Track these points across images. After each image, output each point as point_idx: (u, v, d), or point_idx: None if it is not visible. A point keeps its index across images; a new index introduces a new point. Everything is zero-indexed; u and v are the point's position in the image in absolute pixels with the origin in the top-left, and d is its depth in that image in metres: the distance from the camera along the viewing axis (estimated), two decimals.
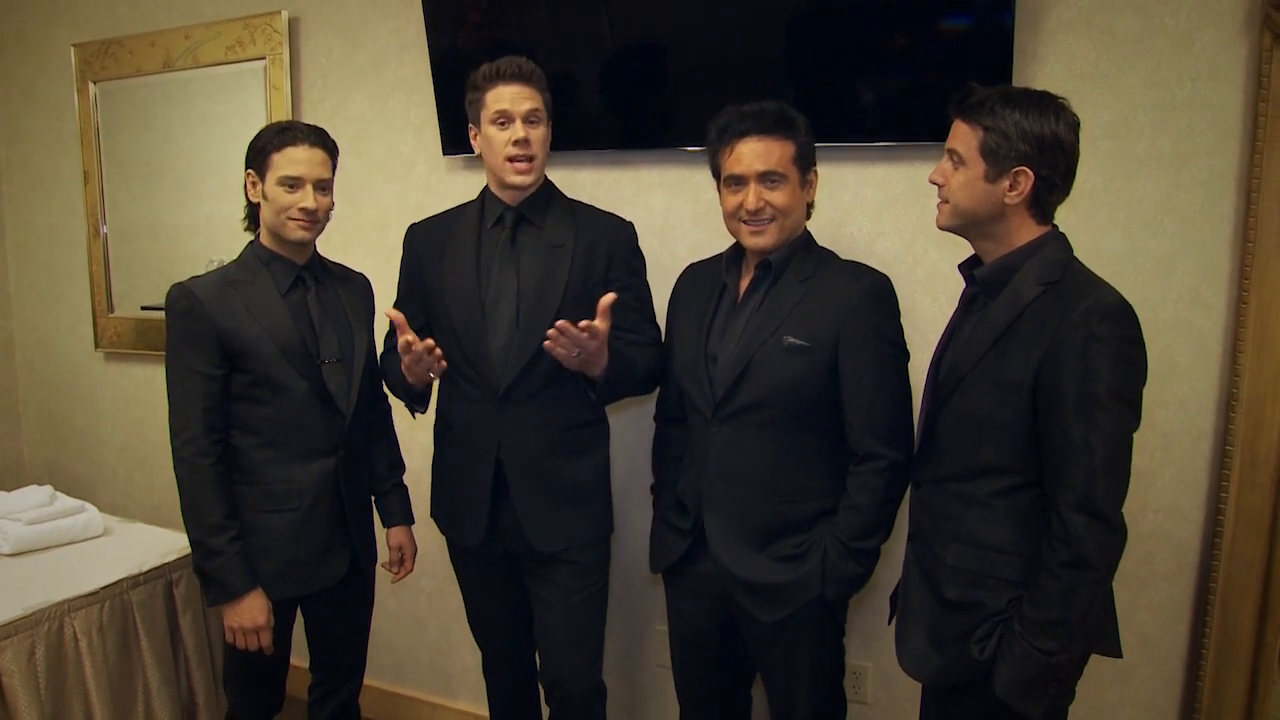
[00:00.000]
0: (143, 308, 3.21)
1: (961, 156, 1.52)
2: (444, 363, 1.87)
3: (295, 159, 1.89)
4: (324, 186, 1.93)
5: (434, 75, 2.50)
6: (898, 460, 1.75)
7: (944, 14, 1.99)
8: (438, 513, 2.16)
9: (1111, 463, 1.42)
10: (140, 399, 3.30)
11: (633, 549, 2.45)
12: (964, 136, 1.52)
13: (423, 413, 2.05)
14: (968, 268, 1.63)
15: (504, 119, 1.91)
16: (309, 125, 1.95)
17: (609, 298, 1.77)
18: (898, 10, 2.03)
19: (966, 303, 1.64)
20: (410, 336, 1.83)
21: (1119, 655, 1.58)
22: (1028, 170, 1.48)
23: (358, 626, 2.19)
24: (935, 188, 1.59)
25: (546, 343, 1.77)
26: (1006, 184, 1.50)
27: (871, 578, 1.82)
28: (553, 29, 2.38)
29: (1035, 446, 1.49)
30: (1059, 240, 1.54)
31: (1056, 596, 1.43)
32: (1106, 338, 1.40)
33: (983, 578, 1.53)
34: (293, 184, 1.89)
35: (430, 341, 1.84)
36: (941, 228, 1.59)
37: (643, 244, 2.09)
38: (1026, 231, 1.53)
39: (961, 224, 1.57)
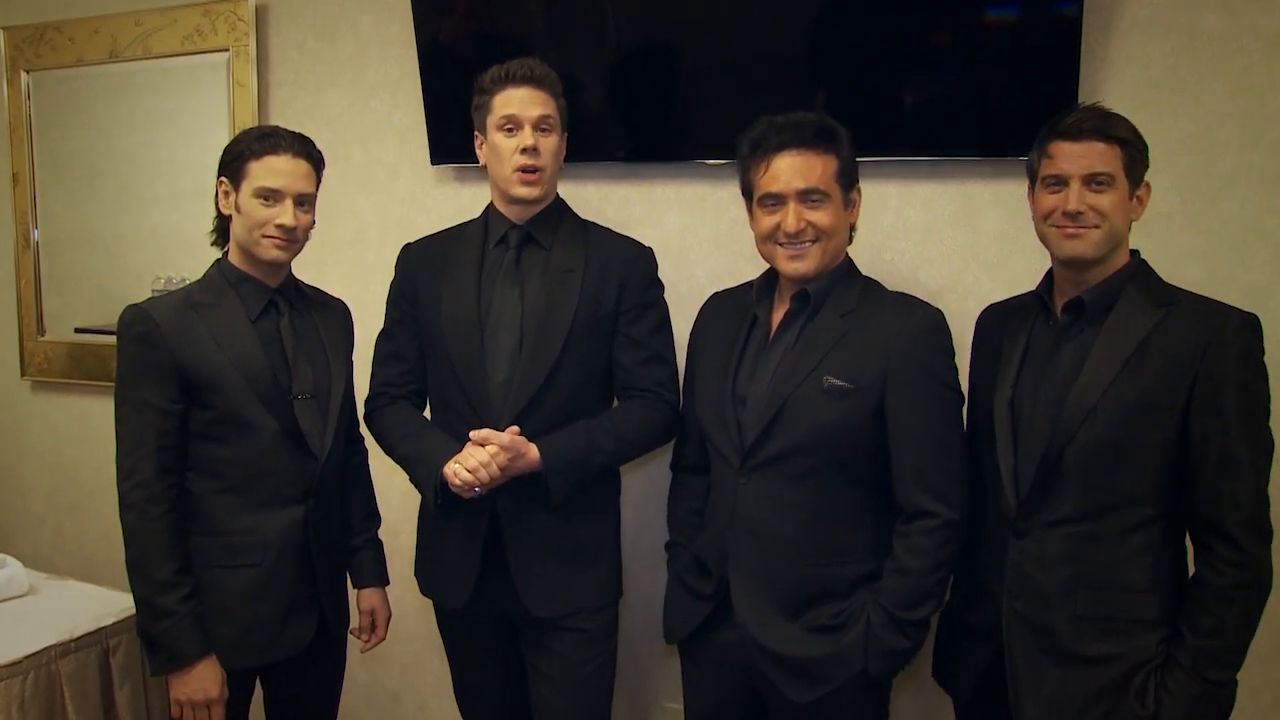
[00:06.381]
0: (77, 330, 3.18)
1: (1111, 177, 1.61)
2: None
3: (275, 169, 1.87)
4: (305, 202, 1.92)
5: (422, 74, 2.49)
6: (952, 519, 1.74)
7: (998, 3, 2.00)
8: (420, 570, 2.14)
9: (1267, 477, 1.58)
10: (72, 436, 3.26)
11: (640, 615, 2.42)
12: (1104, 155, 1.60)
13: None
14: (1051, 294, 1.71)
15: (512, 124, 1.92)
16: (294, 133, 1.95)
17: None
18: (944, 0, 2.03)
19: (1062, 330, 1.68)
20: None
21: None
22: (1149, 182, 1.64)
23: (325, 702, 2.15)
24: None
25: None
26: (1135, 201, 1.64)
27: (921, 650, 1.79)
28: (552, 24, 2.38)
29: (1176, 472, 1.60)
30: (1144, 261, 1.67)
31: (1231, 621, 1.54)
32: (1258, 352, 1.58)
33: (1120, 622, 1.61)
34: (270, 197, 1.88)
35: None
36: (1089, 257, 1.64)
37: None
38: (1123, 253, 1.66)
39: (1109, 251, 1.64)
